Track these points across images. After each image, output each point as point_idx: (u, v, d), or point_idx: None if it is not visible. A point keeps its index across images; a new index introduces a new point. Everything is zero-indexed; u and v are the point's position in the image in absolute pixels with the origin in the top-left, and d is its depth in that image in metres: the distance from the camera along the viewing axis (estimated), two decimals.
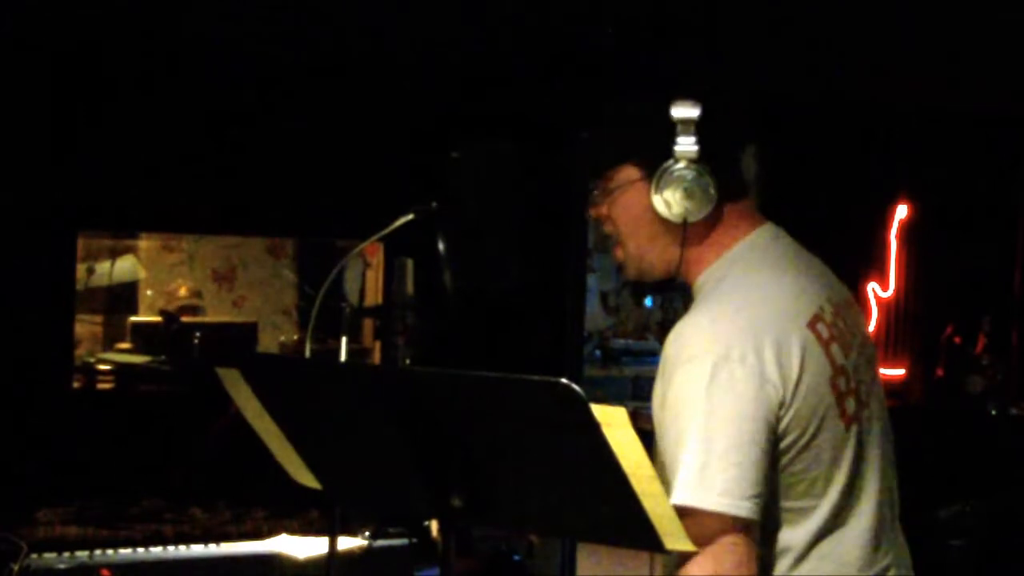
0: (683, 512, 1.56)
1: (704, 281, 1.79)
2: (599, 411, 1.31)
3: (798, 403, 1.65)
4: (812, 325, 1.71)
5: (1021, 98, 5.00)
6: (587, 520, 1.49)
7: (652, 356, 7.03)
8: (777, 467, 1.66)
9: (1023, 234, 5.66)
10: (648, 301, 7.54)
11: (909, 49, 4.39)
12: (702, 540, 1.56)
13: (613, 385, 6.60)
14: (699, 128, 1.72)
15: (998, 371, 5.36)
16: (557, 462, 1.41)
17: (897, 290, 5.67)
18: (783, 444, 1.66)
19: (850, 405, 1.73)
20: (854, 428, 1.73)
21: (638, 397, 6.68)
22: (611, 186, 1.81)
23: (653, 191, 1.74)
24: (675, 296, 7.47)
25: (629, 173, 1.78)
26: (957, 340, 5.46)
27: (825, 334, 1.72)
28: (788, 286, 1.74)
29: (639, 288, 7.56)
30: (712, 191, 1.73)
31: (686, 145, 1.72)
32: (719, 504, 1.58)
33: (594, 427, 1.31)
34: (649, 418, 1.82)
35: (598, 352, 6.82)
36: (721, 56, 4.26)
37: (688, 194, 1.73)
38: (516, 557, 3.06)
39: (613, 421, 1.32)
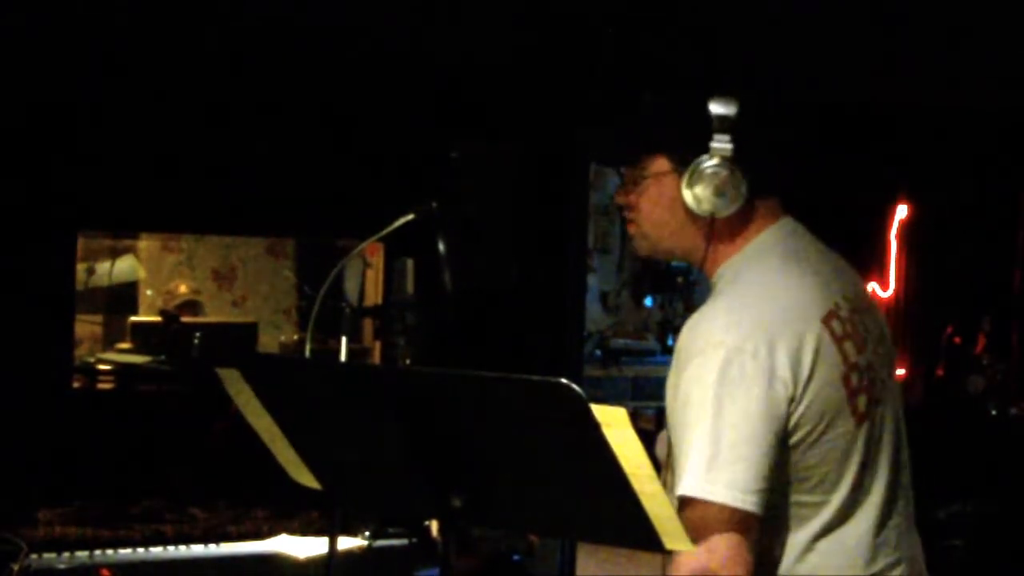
0: (686, 503, 1.59)
1: (722, 274, 1.80)
2: (599, 411, 1.31)
3: (808, 399, 1.66)
4: (827, 321, 1.72)
5: (1021, 97, 5.00)
6: (587, 520, 1.49)
7: (652, 356, 7.04)
8: (788, 462, 1.67)
9: (1023, 234, 5.65)
10: (648, 301, 7.55)
11: (909, 49, 4.39)
12: (702, 531, 1.57)
13: (613, 385, 6.61)
14: (735, 125, 1.73)
15: (998, 371, 5.36)
16: (557, 462, 1.41)
17: (897, 290, 5.67)
18: (793, 439, 1.67)
19: (861, 402, 1.73)
20: (865, 425, 1.74)
21: (638, 397, 6.69)
22: (641, 175, 1.82)
23: (684, 185, 1.75)
24: (675, 296, 7.48)
25: (660, 164, 1.79)
26: (957, 340, 5.46)
27: (839, 331, 1.73)
28: (804, 281, 1.76)
29: (639, 288, 7.57)
30: (743, 189, 1.74)
31: (721, 142, 1.72)
32: (724, 496, 1.59)
33: (594, 427, 1.31)
34: (649, 418, 1.83)
35: (598, 352, 6.83)
36: (720, 56, 4.26)
37: (719, 191, 1.73)
38: (516, 557, 3.06)
39: (613, 421, 1.32)
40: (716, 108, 1.73)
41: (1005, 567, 4.60)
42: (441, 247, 2.43)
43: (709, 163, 1.73)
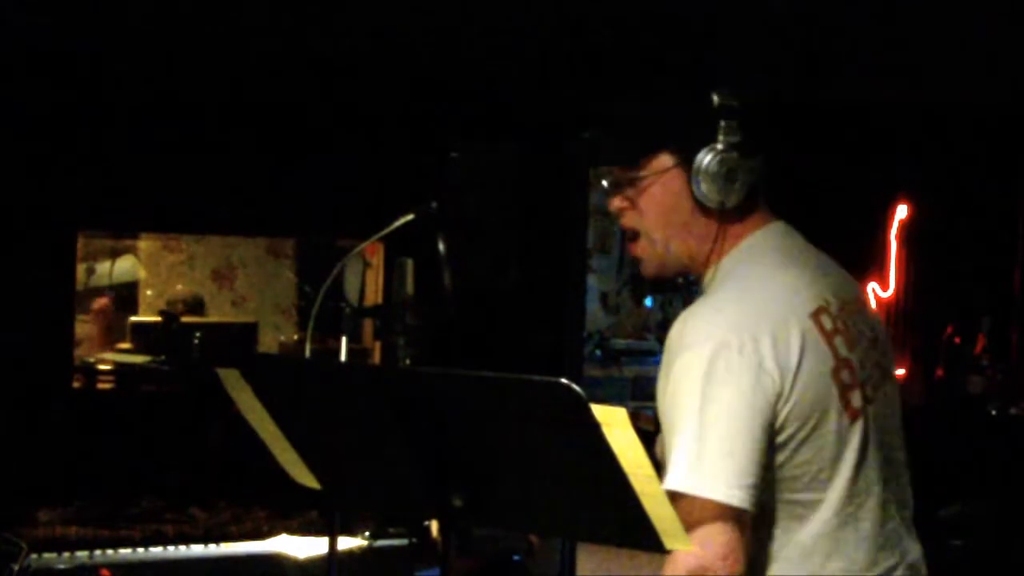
0: (674, 497, 1.57)
1: (714, 273, 1.80)
2: (599, 411, 1.31)
3: (797, 394, 1.66)
4: (815, 316, 1.72)
5: (1021, 97, 5.00)
6: (587, 520, 1.48)
7: (652, 356, 7.04)
8: (778, 459, 1.67)
9: (1023, 234, 5.65)
10: (648, 301, 7.55)
11: (909, 49, 4.39)
12: (691, 526, 1.57)
13: (613, 385, 6.61)
14: (739, 115, 1.74)
15: (998, 371, 5.35)
16: (557, 462, 1.41)
17: (897, 290, 5.67)
18: (784, 435, 1.66)
19: (855, 398, 1.73)
20: (859, 423, 1.73)
21: (638, 397, 6.69)
22: (642, 174, 1.79)
23: (695, 176, 1.74)
24: (675, 296, 7.48)
25: (664, 161, 1.77)
26: (957, 340, 5.45)
27: (828, 326, 1.72)
28: (793, 278, 1.76)
29: (639, 288, 7.57)
30: (749, 179, 1.74)
31: (729, 131, 1.73)
32: (712, 491, 1.59)
33: (594, 427, 1.31)
34: (649, 418, 1.82)
35: (598, 352, 6.82)
36: (720, 57, 4.26)
37: (730, 178, 1.73)
38: (516, 557, 3.06)
39: (613, 421, 1.31)
40: (721, 99, 1.73)
41: (1005, 567, 4.60)
42: (441, 247, 2.43)
43: (719, 151, 1.73)
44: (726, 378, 1.62)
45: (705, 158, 1.73)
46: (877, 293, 5.63)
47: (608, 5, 3.87)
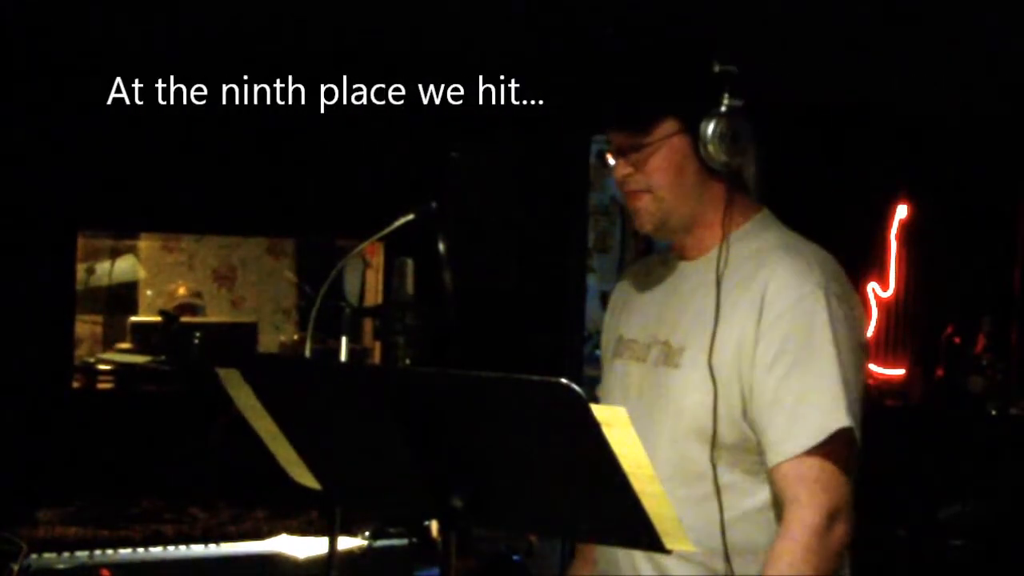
0: (840, 434, 1.68)
1: (734, 237, 1.82)
2: (599, 411, 1.31)
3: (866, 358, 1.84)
4: None
5: (1021, 98, 4.99)
6: (587, 520, 1.48)
7: None
8: None
9: (1023, 234, 5.65)
10: None
11: (909, 49, 4.39)
12: (837, 467, 1.67)
13: None
14: (738, 83, 1.81)
15: (998, 371, 5.35)
16: (557, 462, 1.41)
17: (897, 290, 5.67)
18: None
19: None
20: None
21: None
22: (649, 140, 1.82)
23: (700, 139, 1.79)
24: None
25: (670, 126, 1.81)
26: (957, 340, 5.45)
27: None
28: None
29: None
30: (752, 143, 1.80)
31: (731, 97, 1.79)
32: (857, 429, 1.70)
33: (594, 427, 1.31)
34: None
35: (598, 352, 6.81)
36: (720, 57, 4.25)
37: (735, 140, 1.78)
38: (516, 557, 3.06)
39: (613, 421, 1.31)
40: (722, 66, 1.80)
41: (1005, 567, 4.60)
42: (441, 247, 2.42)
43: (725, 116, 1.78)
44: (844, 319, 1.73)
45: (710, 122, 1.77)
46: (877, 293, 5.63)
47: (608, 5, 3.87)
